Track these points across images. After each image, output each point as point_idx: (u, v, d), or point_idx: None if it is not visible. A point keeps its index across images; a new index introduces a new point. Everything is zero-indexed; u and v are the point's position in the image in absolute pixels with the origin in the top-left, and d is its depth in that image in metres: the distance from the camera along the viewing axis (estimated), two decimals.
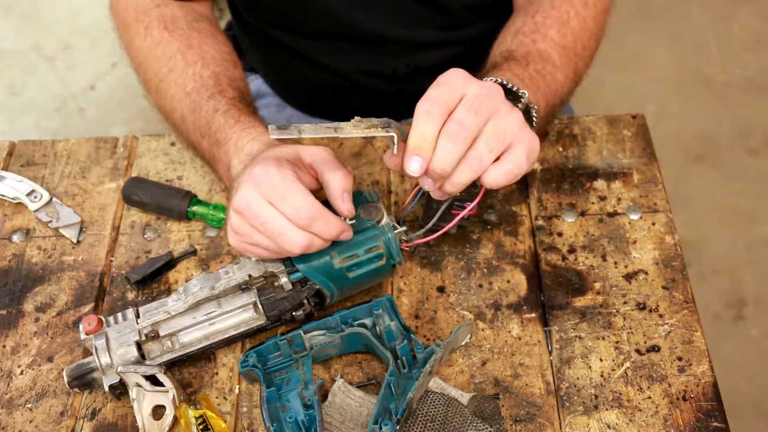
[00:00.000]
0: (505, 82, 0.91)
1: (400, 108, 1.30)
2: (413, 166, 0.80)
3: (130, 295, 1.00)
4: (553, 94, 1.02)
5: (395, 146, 0.83)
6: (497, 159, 0.83)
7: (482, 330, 0.95)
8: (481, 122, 0.82)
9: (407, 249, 0.94)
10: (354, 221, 0.90)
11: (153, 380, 0.88)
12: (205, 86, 1.03)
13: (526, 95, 0.92)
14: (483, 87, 0.83)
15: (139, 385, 0.88)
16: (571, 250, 1.01)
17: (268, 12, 1.24)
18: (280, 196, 0.83)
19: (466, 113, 0.81)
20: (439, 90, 0.82)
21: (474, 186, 0.88)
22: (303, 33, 1.24)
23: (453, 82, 0.82)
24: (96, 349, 0.88)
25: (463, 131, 0.80)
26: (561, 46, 1.04)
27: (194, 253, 1.02)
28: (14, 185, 1.09)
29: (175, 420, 0.87)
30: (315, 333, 0.90)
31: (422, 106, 0.81)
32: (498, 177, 0.84)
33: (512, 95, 0.92)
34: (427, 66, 1.24)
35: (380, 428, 0.80)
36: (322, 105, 1.34)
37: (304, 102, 1.36)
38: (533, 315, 0.96)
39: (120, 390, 0.88)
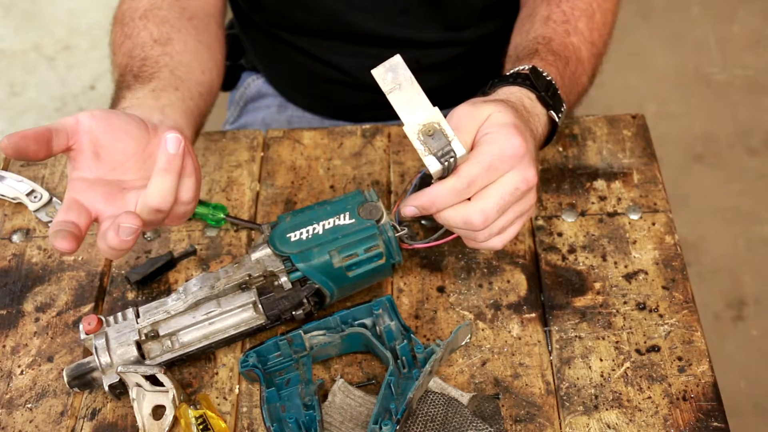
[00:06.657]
0: (556, 86, 0.94)
1: None
2: (410, 211, 0.86)
3: (130, 295, 1.00)
4: (576, 98, 1.03)
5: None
6: None
7: (482, 330, 0.95)
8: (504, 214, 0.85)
9: (409, 249, 0.94)
10: (354, 221, 0.90)
11: (153, 380, 0.88)
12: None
13: (564, 109, 0.95)
14: (529, 180, 0.84)
15: (139, 385, 0.88)
16: (571, 250, 1.01)
17: (270, 12, 1.24)
18: None
19: (495, 212, 0.84)
20: (486, 174, 0.82)
21: None
22: (305, 32, 1.24)
23: (502, 168, 0.83)
24: (96, 348, 0.88)
25: (482, 224, 0.84)
26: (589, 42, 1.04)
27: (194, 253, 1.02)
28: (14, 185, 1.09)
29: (175, 420, 0.87)
30: (315, 333, 0.90)
31: (455, 186, 0.82)
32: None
33: (554, 99, 0.94)
34: (430, 63, 1.23)
35: (380, 428, 0.80)
36: (324, 102, 1.34)
37: (305, 99, 1.36)
38: (533, 315, 0.96)
39: (120, 390, 0.88)
